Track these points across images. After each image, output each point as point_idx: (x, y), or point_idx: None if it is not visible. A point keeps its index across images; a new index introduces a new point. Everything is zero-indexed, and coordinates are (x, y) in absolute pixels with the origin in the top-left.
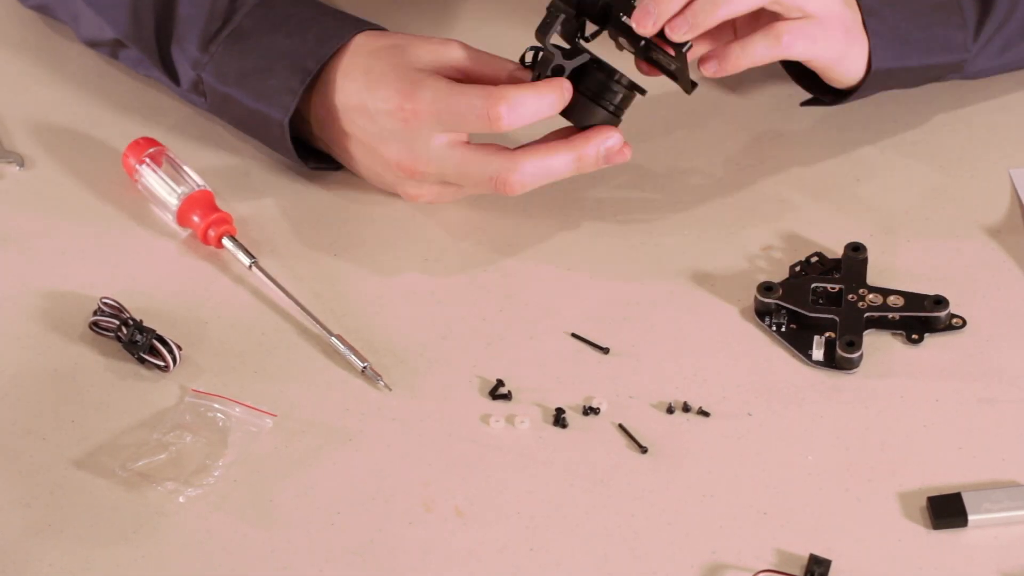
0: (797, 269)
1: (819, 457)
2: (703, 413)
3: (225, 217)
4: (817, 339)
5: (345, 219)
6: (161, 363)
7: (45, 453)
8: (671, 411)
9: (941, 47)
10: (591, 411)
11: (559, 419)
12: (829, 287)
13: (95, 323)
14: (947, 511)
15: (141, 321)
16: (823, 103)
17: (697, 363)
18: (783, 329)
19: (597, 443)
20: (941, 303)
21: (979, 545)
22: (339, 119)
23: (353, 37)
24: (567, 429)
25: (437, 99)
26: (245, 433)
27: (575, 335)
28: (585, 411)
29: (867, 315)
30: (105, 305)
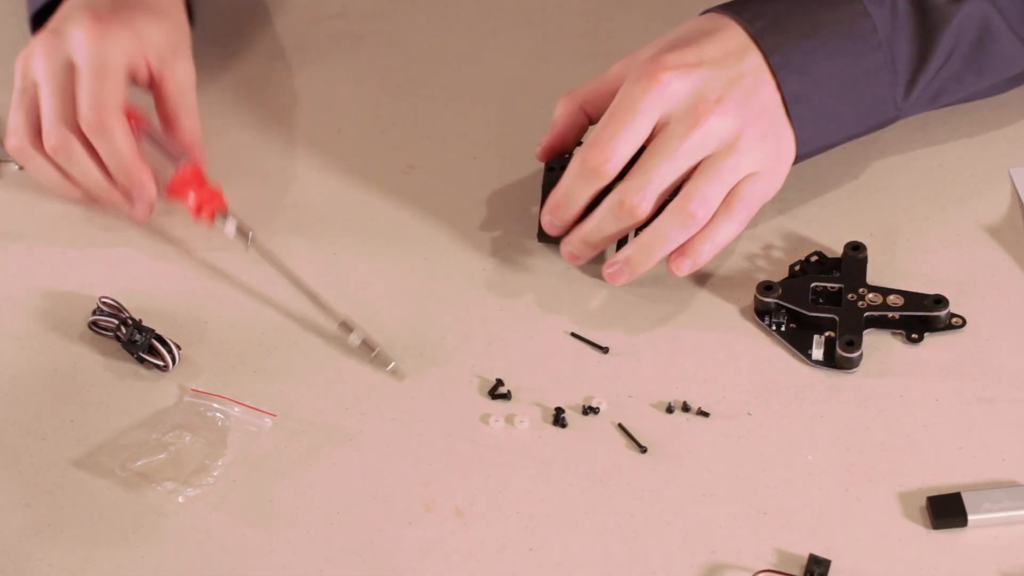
0: (797, 268)
1: (819, 457)
2: (703, 413)
3: (217, 193)
4: (817, 338)
5: (345, 218)
6: (160, 363)
7: (45, 453)
8: (671, 411)
9: (869, 113)
10: (591, 411)
11: (559, 419)
12: (829, 286)
13: (94, 323)
14: (947, 511)
15: (140, 321)
16: None
17: (697, 363)
18: (783, 328)
19: (597, 443)
20: (941, 303)
21: (979, 545)
22: None
23: None
24: (567, 429)
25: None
26: (244, 433)
27: (575, 335)
28: (585, 411)
29: (867, 314)
30: (104, 305)
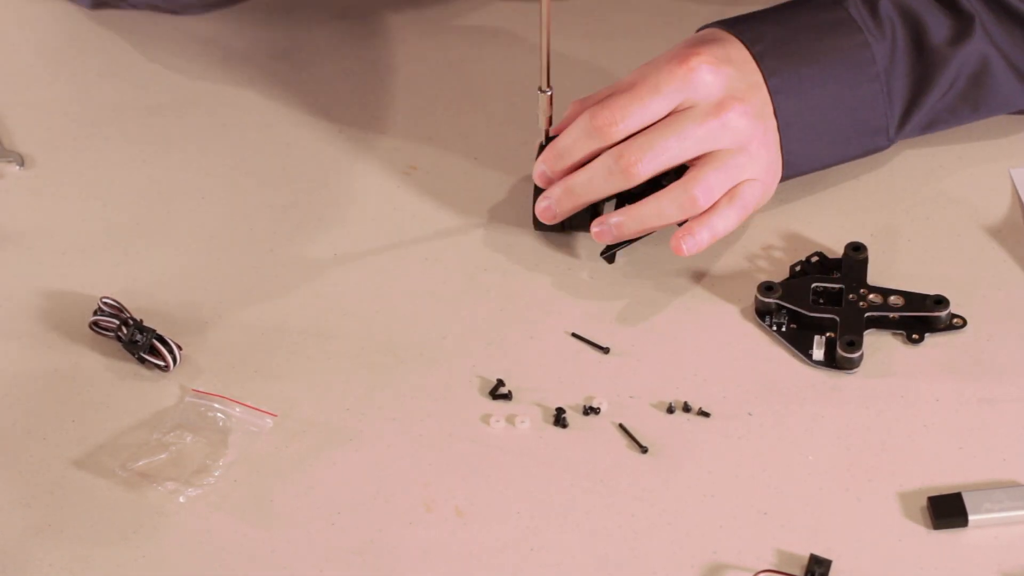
0: (797, 269)
1: (819, 457)
2: (703, 413)
3: None
4: (817, 339)
5: (344, 218)
6: (161, 363)
7: (45, 453)
8: (671, 411)
9: (860, 142)
10: (591, 411)
11: (559, 419)
12: (829, 287)
13: (95, 323)
14: (947, 511)
15: (141, 321)
16: None
17: (697, 363)
18: (783, 329)
19: (597, 443)
20: (941, 303)
21: (979, 545)
22: None
23: None
24: (567, 429)
25: None
26: (245, 433)
27: (575, 335)
28: (585, 411)
29: (867, 315)
30: (105, 305)
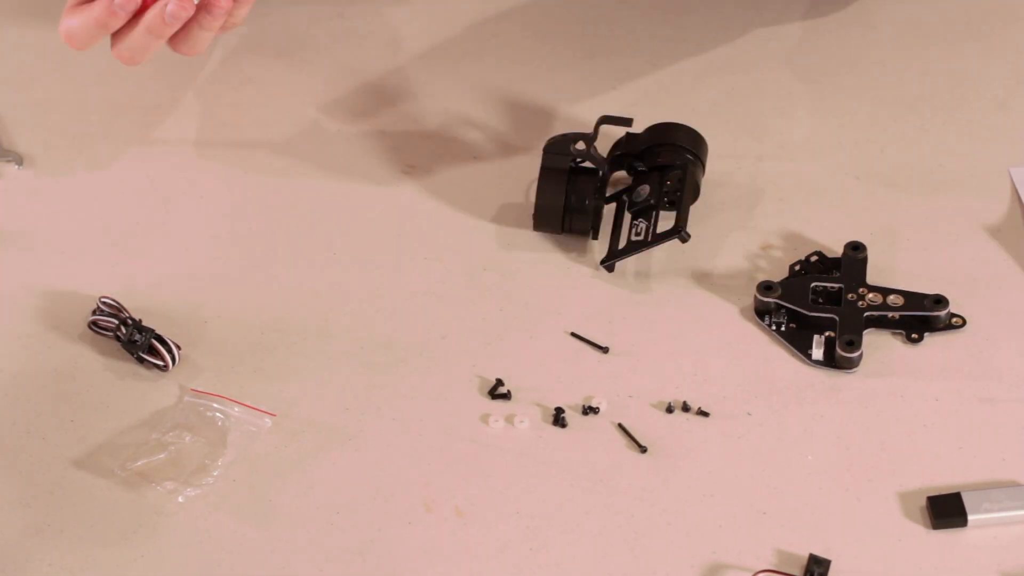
0: (797, 268)
1: (819, 457)
2: (703, 413)
3: None
4: (817, 338)
5: (344, 218)
6: (160, 363)
7: (45, 453)
8: (671, 411)
9: None
10: (591, 411)
11: (559, 419)
12: (829, 286)
13: (94, 322)
14: (947, 511)
15: (140, 320)
16: None
17: (697, 363)
18: (783, 328)
19: (597, 443)
20: (941, 302)
21: (979, 545)
22: None
23: None
24: (567, 429)
25: None
26: (244, 433)
27: (575, 335)
28: (585, 411)
29: (867, 314)
30: (104, 304)
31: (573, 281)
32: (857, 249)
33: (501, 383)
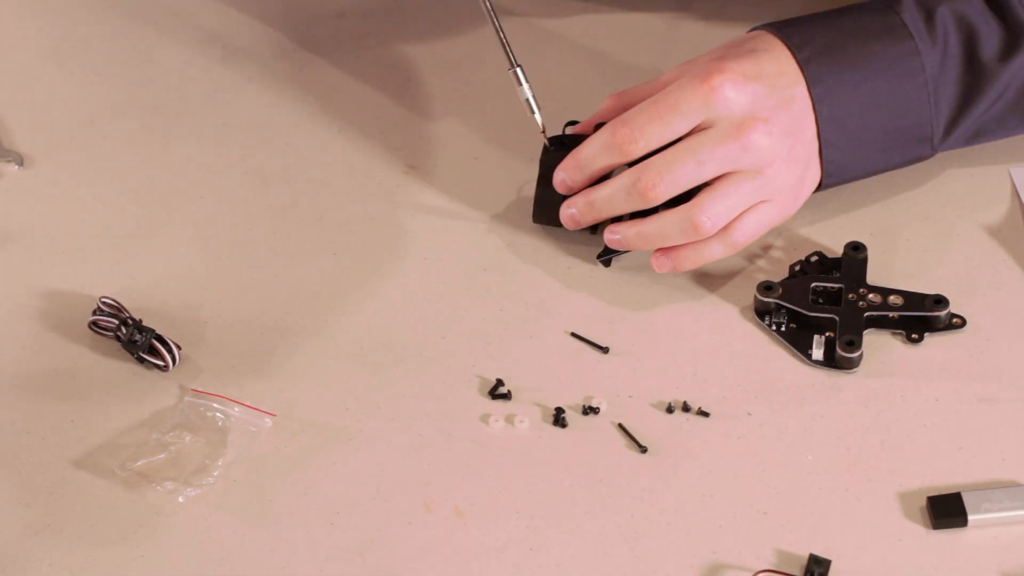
0: (797, 268)
1: (819, 457)
2: (703, 413)
3: None
4: (817, 339)
5: (345, 218)
6: (160, 363)
7: (45, 453)
8: (671, 411)
9: (903, 151)
10: (591, 411)
11: (559, 419)
12: (829, 286)
13: (94, 323)
14: (947, 511)
15: (140, 320)
16: None
17: (697, 363)
18: (783, 329)
19: (597, 443)
20: (941, 303)
21: (979, 545)
22: None
23: None
24: (567, 429)
25: None
26: (244, 433)
27: (575, 335)
28: (585, 411)
29: (867, 315)
30: (104, 304)
31: (573, 281)
32: (857, 249)
33: (501, 383)
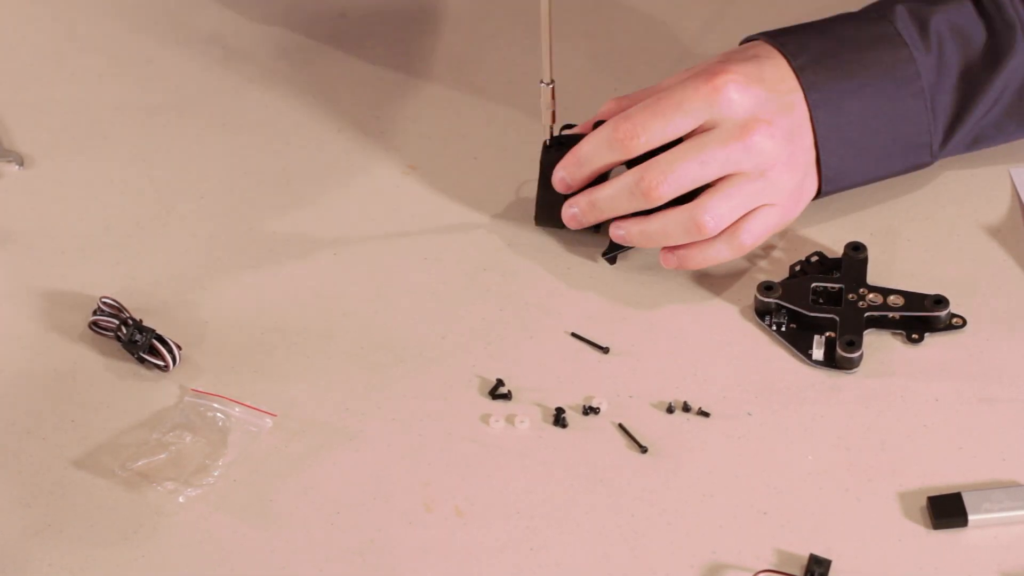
0: (797, 269)
1: (819, 457)
2: (703, 413)
3: None
4: (817, 339)
5: (345, 218)
6: (161, 363)
7: (45, 453)
8: (671, 411)
9: (902, 158)
10: (591, 411)
11: (559, 419)
12: (829, 287)
13: (95, 323)
14: (947, 511)
15: (141, 321)
16: None
17: (697, 363)
18: (783, 329)
19: (597, 443)
20: (941, 303)
21: (979, 545)
22: None
23: None
24: (567, 429)
25: None
26: (245, 433)
27: (575, 335)
28: (585, 411)
29: (867, 315)
30: (105, 304)
31: (573, 281)
32: (857, 249)
33: (502, 383)
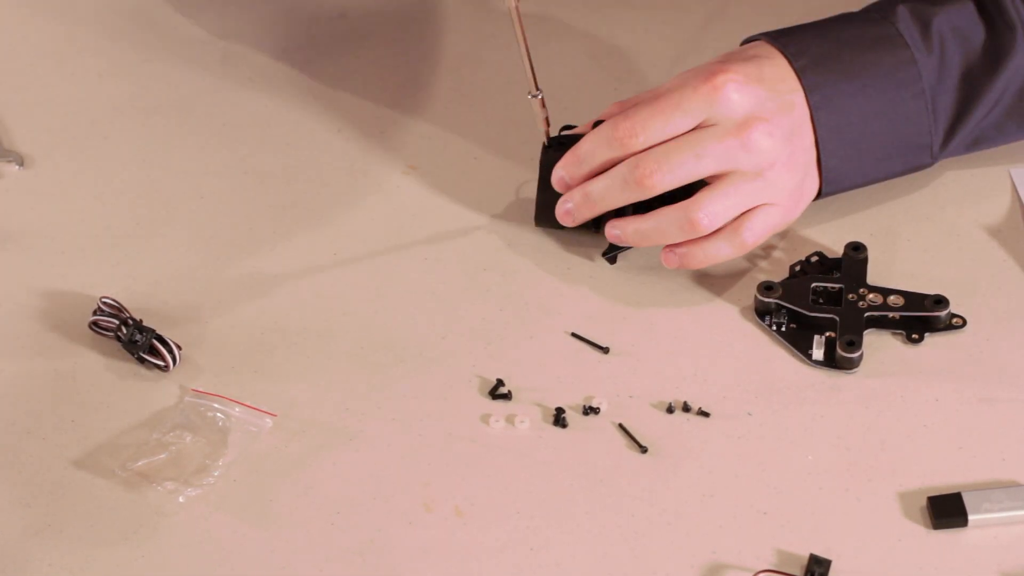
0: (797, 268)
1: (819, 457)
2: (703, 413)
3: None
4: (817, 339)
5: (345, 218)
6: (161, 363)
7: (45, 453)
8: (671, 411)
9: (902, 159)
10: (591, 411)
11: (559, 419)
12: (829, 287)
13: (95, 323)
14: (947, 511)
15: (141, 321)
16: None
17: (697, 363)
18: (783, 329)
19: (597, 443)
20: (941, 303)
21: (979, 545)
22: None
23: None
24: (567, 429)
25: None
26: (245, 433)
27: (575, 335)
28: (585, 411)
29: (867, 315)
30: (105, 304)
31: (574, 281)
32: (857, 249)
33: (502, 383)
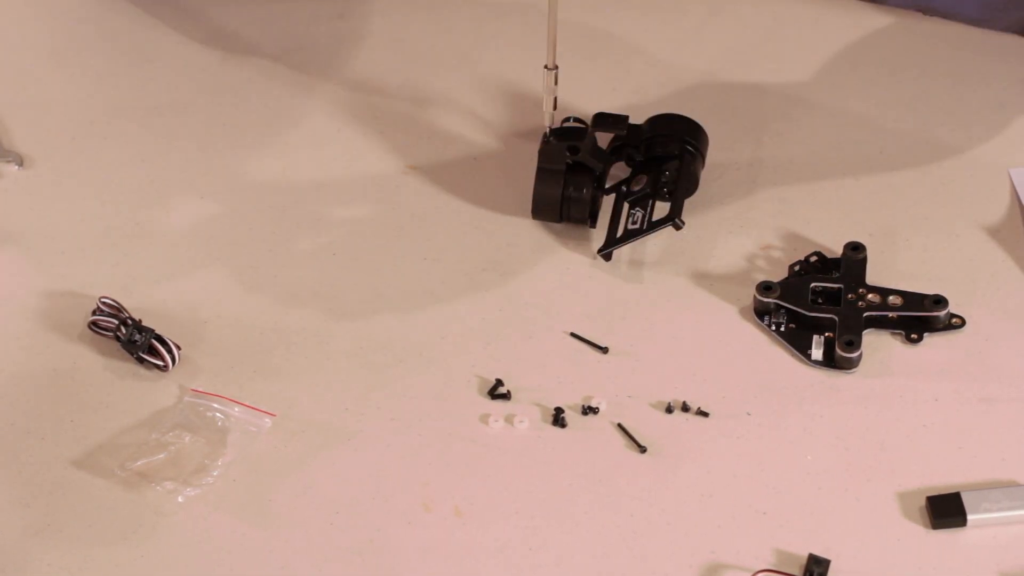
0: (796, 268)
1: (818, 457)
2: (702, 413)
3: None
4: (816, 338)
5: (344, 219)
6: (160, 363)
7: (44, 453)
8: (670, 411)
9: None
10: (590, 411)
11: (558, 419)
12: (828, 286)
13: (94, 323)
14: (946, 511)
15: (140, 321)
16: None
17: (696, 363)
18: (782, 329)
19: (596, 443)
20: (940, 303)
21: (978, 545)
22: None
23: None
24: (566, 429)
25: None
26: (244, 433)
27: (574, 335)
28: (584, 411)
29: (866, 314)
30: (104, 304)
31: (573, 281)
32: (857, 249)
33: (501, 383)
